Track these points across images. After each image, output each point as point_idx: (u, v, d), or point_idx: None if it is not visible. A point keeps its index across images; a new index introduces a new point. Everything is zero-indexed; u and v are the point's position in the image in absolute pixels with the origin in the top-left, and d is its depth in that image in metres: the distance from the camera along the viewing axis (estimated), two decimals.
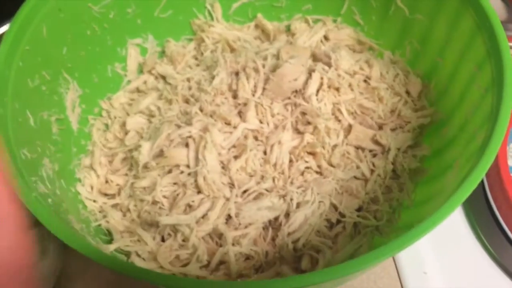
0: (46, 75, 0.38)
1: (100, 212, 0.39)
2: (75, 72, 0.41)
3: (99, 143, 0.43)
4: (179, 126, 0.41)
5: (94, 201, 0.39)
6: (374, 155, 0.40)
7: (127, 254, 0.36)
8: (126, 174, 0.41)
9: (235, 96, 0.42)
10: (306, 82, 0.41)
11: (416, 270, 0.42)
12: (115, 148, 0.42)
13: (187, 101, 0.43)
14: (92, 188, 0.40)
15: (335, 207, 0.38)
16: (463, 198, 0.28)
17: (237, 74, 0.43)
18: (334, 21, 0.48)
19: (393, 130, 0.41)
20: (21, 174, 0.29)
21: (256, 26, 0.50)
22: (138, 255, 0.36)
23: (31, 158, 0.33)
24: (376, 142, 0.40)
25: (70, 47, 0.40)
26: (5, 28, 0.50)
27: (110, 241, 0.37)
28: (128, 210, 0.38)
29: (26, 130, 0.34)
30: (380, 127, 0.42)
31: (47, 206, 0.30)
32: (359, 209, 0.38)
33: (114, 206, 0.39)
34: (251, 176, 0.39)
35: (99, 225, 0.38)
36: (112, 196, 0.40)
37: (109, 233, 0.38)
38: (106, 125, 0.45)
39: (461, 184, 0.29)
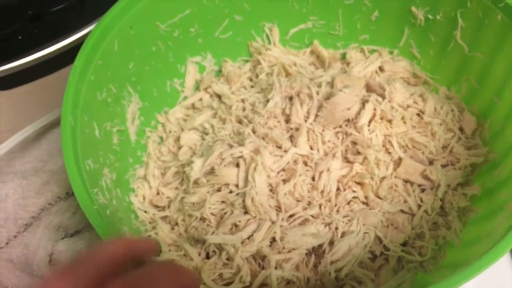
0: (113, 88, 0.40)
1: (150, 223, 0.40)
2: (138, 85, 0.44)
3: (153, 155, 0.44)
4: (231, 146, 0.42)
5: (145, 211, 0.41)
6: (423, 190, 0.40)
7: None
8: (177, 188, 0.42)
9: (287, 121, 0.43)
10: (358, 112, 0.42)
11: None
12: (169, 161, 0.44)
13: (240, 122, 0.45)
14: (144, 198, 0.42)
15: (379, 239, 0.38)
16: None
17: (291, 98, 0.44)
18: (391, 52, 0.49)
19: (444, 166, 0.41)
20: (85, 186, 0.31)
21: (312, 52, 0.51)
22: None
23: (94, 168, 0.35)
24: (426, 177, 0.40)
25: (137, 62, 0.43)
26: (74, 37, 0.54)
27: (157, 253, 0.38)
28: (177, 224, 0.40)
29: (92, 141, 0.36)
30: (431, 163, 0.42)
31: (105, 218, 0.31)
32: (404, 244, 0.38)
33: (164, 218, 0.41)
34: (298, 201, 0.39)
35: (149, 236, 0.39)
36: (162, 208, 0.42)
37: None
38: (161, 138, 0.46)
39: (510, 229, 0.28)
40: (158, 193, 0.42)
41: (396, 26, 0.47)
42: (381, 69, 0.48)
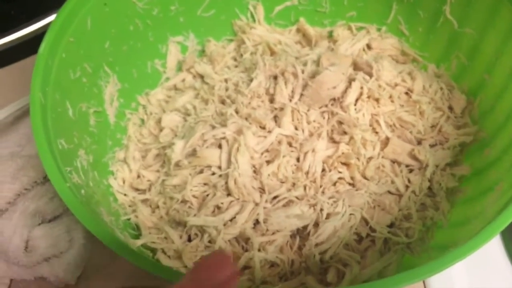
0: (88, 68, 0.39)
1: (130, 206, 0.39)
2: (116, 66, 0.42)
3: (134, 138, 0.43)
4: (213, 127, 0.41)
5: (125, 194, 0.39)
6: (411, 171, 0.39)
7: (153, 250, 0.36)
8: (158, 171, 0.41)
9: (271, 100, 0.42)
10: (345, 91, 0.41)
11: None
12: (149, 143, 0.43)
13: (223, 102, 0.43)
14: (124, 181, 0.40)
15: (366, 221, 0.37)
16: (504, 225, 0.27)
17: (275, 78, 0.43)
18: (378, 29, 0.47)
19: (432, 146, 0.40)
20: (57, 163, 0.30)
21: (298, 30, 0.49)
22: (164, 252, 0.36)
23: (68, 148, 0.33)
24: (414, 157, 0.39)
25: (113, 41, 0.41)
26: (52, 18, 0.52)
27: (137, 236, 0.37)
28: (157, 206, 0.39)
29: (64, 121, 0.35)
30: (419, 142, 0.40)
31: (80, 196, 0.30)
32: (391, 225, 0.37)
33: (144, 201, 0.40)
34: (282, 182, 0.38)
35: (129, 219, 0.38)
36: (143, 191, 0.40)
37: (137, 227, 0.38)
38: (142, 120, 0.45)
39: (502, 210, 0.27)
40: (138, 176, 0.41)
41: (384, 1, 0.46)
42: (368, 46, 0.46)
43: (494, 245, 0.42)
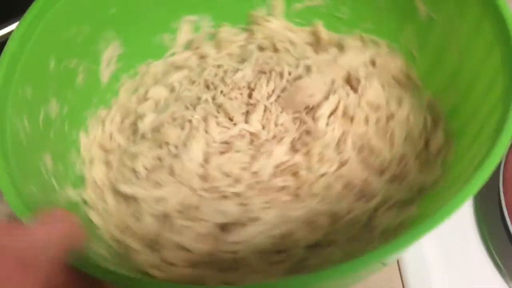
0: (88, 28, 0.41)
1: (89, 161, 0.41)
2: (121, 31, 0.44)
3: (121, 101, 0.45)
4: (187, 108, 0.42)
5: (90, 150, 0.42)
6: (359, 198, 0.37)
7: (88, 206, 0.38)
8: (129, 138, 0.43)
9: (250, 95, 0.42)
10: (321, 102, 0.39)
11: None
12: (131, 111, 0.45)
13: (208, 87, 0.44)
14: (94, 138, 0.43)
15: (290, 235, 0.35)
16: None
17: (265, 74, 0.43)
18: (390, 46, 0.44)
19: (392, 179, 0.37)
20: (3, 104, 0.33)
21: (312, 33, 0.48)
22: (97, 212, 0.38)
23: (34, 95, 0.36)
24: (367, 186, 0.37)
25: (120, 7, 0.43)
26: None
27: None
28: (112, 169, 0.41)
29: (40, 71, 0.37)
30: (382, 172, 0.38)
31: (15, 143, 0.32)
32: (315, 245, 0.35)
33: (106, 162, 0.42)
34: (227, 176, 0.38)
35: (82, 174, 0.40)
36: (109, 152, 0.43)
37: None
38: (136, 89, 0.47)
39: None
40: (111, 138, 0.44)
41: (400, 19, 0.43)
42: (373, 63, 0.44)
43: (473, 239, 0.42)
